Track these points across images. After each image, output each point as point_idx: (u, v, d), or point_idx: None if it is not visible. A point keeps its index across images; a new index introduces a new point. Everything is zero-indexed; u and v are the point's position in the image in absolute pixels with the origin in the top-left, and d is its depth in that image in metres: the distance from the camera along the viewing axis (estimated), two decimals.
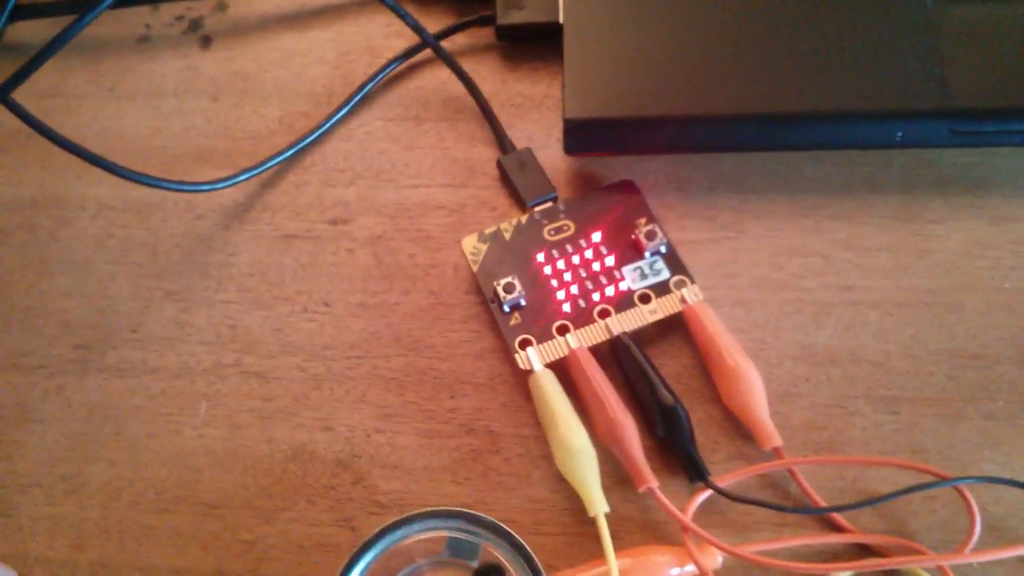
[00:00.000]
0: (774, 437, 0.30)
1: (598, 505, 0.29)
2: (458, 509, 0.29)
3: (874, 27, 0.36)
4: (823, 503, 0.30)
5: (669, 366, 0.33)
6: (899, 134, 0.34)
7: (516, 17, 0.39)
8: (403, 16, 0.38)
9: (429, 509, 0.29)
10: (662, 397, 0.31)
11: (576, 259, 0.34)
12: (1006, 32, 0.35)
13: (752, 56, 0.35)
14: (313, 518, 0.31)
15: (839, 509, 0.29)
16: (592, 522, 0.29)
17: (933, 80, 0.34)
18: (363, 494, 0.31)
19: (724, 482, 0.30)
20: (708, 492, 0.30)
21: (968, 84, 0.34)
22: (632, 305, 0.33)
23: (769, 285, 0.34)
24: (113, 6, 0.42)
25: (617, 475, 0.31)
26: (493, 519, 0.28)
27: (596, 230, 0.35)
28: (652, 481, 0.30)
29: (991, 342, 0.32)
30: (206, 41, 0.42)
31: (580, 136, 0.35)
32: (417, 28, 0.38)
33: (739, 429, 0.32)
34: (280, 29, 0.42)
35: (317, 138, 0.38)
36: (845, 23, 0.36)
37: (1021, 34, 0.35)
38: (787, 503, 0.30)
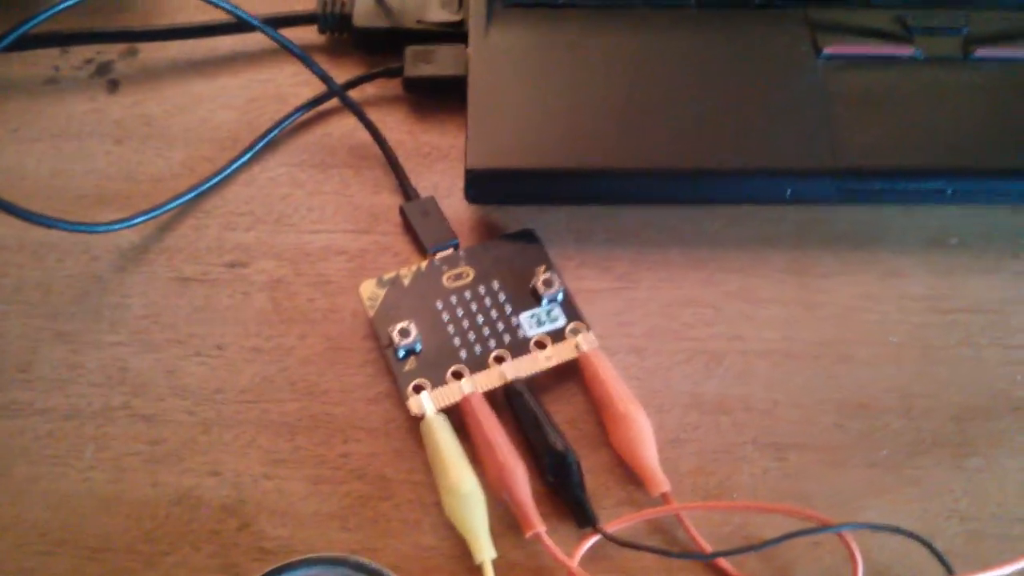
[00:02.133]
0: (662, 483, 0.31)
1: (485, 552, 0.29)
2: (343, 555, 0.28)
3: (767, 88, 0.37)
4: (709, 549, 0.30)
5: (564, 412, 0.33)
6: (788, 191, 0.35)
7: (424, 70, 0.40)
8: (310, 65, 0.38)
9: (313, 555, 0.28)
10: (552, 442, 0.31)
11: (474, 306, 0.34)
12: (892, 96, 0.37)
13: (649, 114, 0.36)
14: (197, 564, 0.30)
15: (724, 554, 0.29)
16: (480, 569, 0.29)
17: (822, 140, 0.36)
18: (249, 540, 0.31)
19: (613, 528, 0.30)
20: (596, 537, 0.30)
21: (855, 144, 0.36)
22: (528, 351, 0.33)
23: (662, 334, 0.34)
24: (21, 47, 0.42)
25: (508, 521, 0.31)
26: (379, 566, 0.28)
27: (495, 277, 0.35)
28: (540, 526, 0.30)
29: (877, 393, 0.33)
30: (114, 85, 0.42)
31: (482, 185, 0.36)
32: (324, 77, 0.39)
33: (629, 475, 0.32)
34: (190, 75, 0.42)
35: (219, 182, 0.38)
36: (740, 84, 0.37)
37: (906, 97, 0.37)
38: (674, 549, 0.30)
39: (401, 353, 0.33)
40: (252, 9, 0.41)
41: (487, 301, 0.34)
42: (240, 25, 0.40)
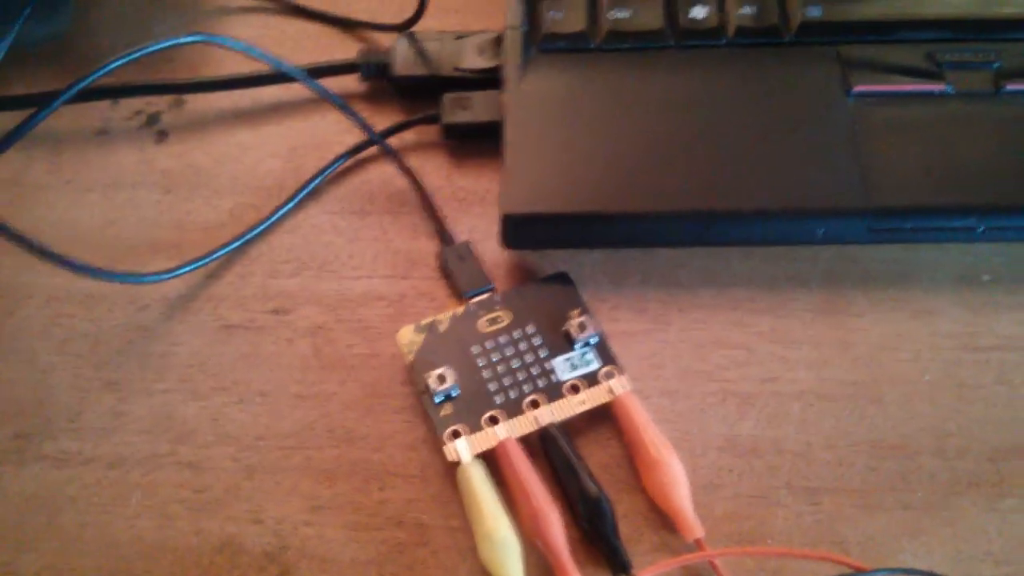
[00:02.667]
0: (696, 528, 0.31)
1: None
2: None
3: (798, 127, 0.37)
4: None
5: (597, 456, 0.33)
6: (820, 231, 0.35)
7: (461, 116, 0.41)
8: (350, 114, 0.39)
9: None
10: (586, 488, 0.32)
11: (509, 350, 0.35)
12: (922, 131, 0.37)
13: (681, 156, 0.37)
14: None
15: None
16: None
17: (852, 179, 0.36)
18: None
19: (647, 574, 0.30)
20: None
21: (886, 182, 0.36)
22: (562, 396, 0.34)
23: (694, 377, 0.35)
24: (74, 101, 0.44)
25: (543, 567, 0.31)
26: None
27: (530, 321, 0.35)
28: (574, 573, 0.30)
29: (910, 433, 0.33)
30: (162, 135, 0.43)
31: (516, 230, 0.36)
32: (364, 125, 0.40)
33: (663, 520, 0.32)
34: (235, 124, 0.43)
35: (264, 230, 0.39)
36: (771, 123, 0.37)
37: (937, 134, 0.37)
38: None
39: (438, 399, 0.34)
40: (295, 59, 0.43)
41: (522, 345, 0.35)
42: (283, 76, 0.41)
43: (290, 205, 0.40)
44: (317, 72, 0.42)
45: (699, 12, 0.40)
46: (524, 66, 0.40)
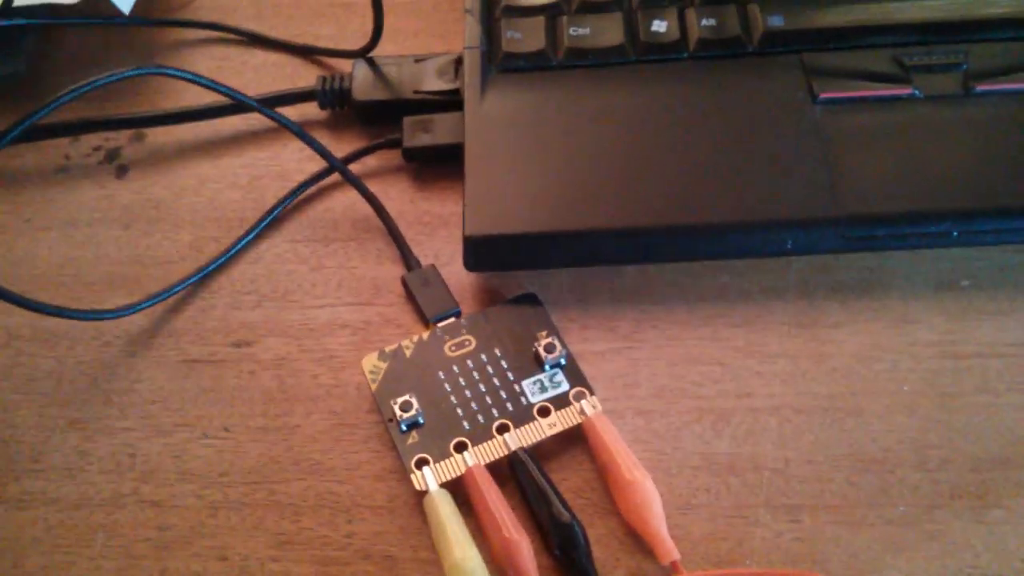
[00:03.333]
0: (671, 552, 0.30)
1: None
2: None
3: (764, 138, 0.37)
4: None
5: (571, 480, 0.33)
6: (789, 242, 0.35)
7: (422, 140, 0.40)
8: (309, 142, 0.39)
9: None
10: (558, 514, 0.31)
11: (476, 374, 0.34)
12: (892, 136, 0.36)
13: (646, 171, 0.36)
14: None
15: None
16: None
17: (821, 187, 0.35)
18: None
19: None
20: None
21: (857, 190, 0.35)
22: (531, 419, 0.33)
23: (668, 394, 0.34)
24: (34, 139, 0.43)
25: None
26: None
27: (497, 344, 0.35)
28: None
29: (891, 445, 0.32)
30: (122, 170, 0.42)
31: (480, 252, 0.36)
32: (323, 153, 0.39)
33: (639, 544, 0.31)
34: (195, 156, 0.43)
35: (225, 262, 0.39)
36: (736, 135, 0.37)
37: (907, 139, 0.36)
38: None
39: (404, 427, 0.33)
40: (255, 89, 0.42)
41: (489, 369, 0.34)
42: (242, 106, 0.41)
43: (251, 236, 0.39)
44: (275, 101, 0.42)
45: (660, 26, 0.40)
46: (484, 86, 0.39)
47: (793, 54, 0.39)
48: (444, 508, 0.31)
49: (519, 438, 0.32)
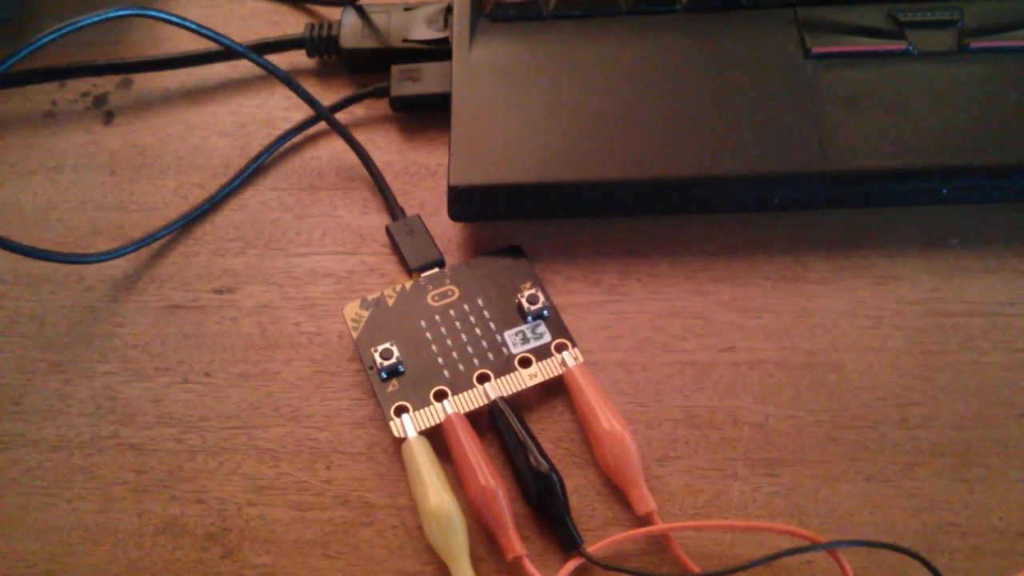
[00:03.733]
0: (648, 502, 0.30)
1: None
2: None
3: (755, 92, 0.36)
4: (697, 569, 0.29)
5: (550, 431, 0.32)
6: (776, 198, 0.34)
7: (410, 89, 0.40)
8: (296, 89, 0.38)
9: None
10: (535, 464, 0.30)
11: (459, 324, 0.34)
12: (884, 94, 0.36)
13: (634, 123, 0.36)
14: None
15: (713, 575, 0.29)
16: None
17: (810, 142, 0.35)
18: (232, 568, 0.30)
19: (598, 549, 0.29)
20: (581, 560, 0.29)
21: (846, 145, 0.35)
22: (512, 369, 0.33)
23: (650, 347, 0.34)
24: (20, 83, 0.43)
25: (491, 545, 0.30)
26: None
27: (480, 295, 0.34)
28: (520, 550, 0.29)
29: (872, 402, 0.32)
30: (109, 116, 0.42)
31: (464, 203, 0.35)
32: (310, 100, 0.39)
33: (616, 495, 0.31)
34: (182, 103, 0.42)
35: (209, 208, 0.38)
36: (727, 88, 0.36)
37: (899, 95, 0.36)
38: (661, 570, 0.29)
39: (384, 375, 0.33)
40: (243, 36, 0.42)
41: (472, 319, 0.34)
42: (229, 53, 0.40)
43: (236, 183, 0.39)
44: (263, 48, 0.41)
45: None
46: (473, 36, 0.39)
47: (787, 7, 0.38)
48: (421, 455, 0.31)
49: (499, 387, 0.32)
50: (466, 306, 0.34)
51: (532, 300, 0.34)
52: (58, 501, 0.32)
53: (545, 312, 0.34)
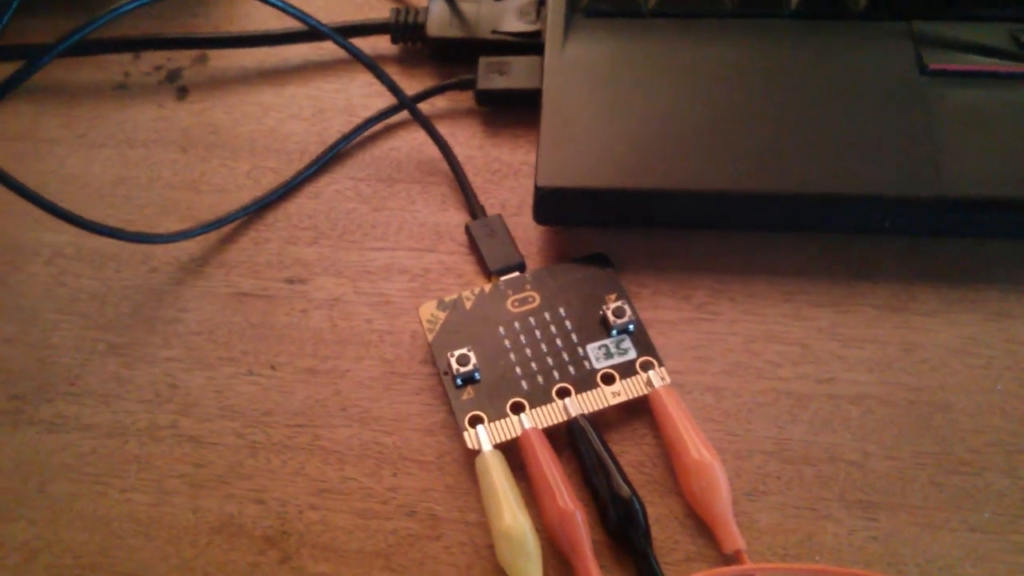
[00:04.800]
0: (736, 539, 0.28)
1: None
2: None
3: (866, 107, 0.34)
4: None
5: (631, 453, 0.31)
6: (887, 222, 0.32)
7: (497, 83, 0.38)
8: (380, 76, 0.37)
9: None
10: (617, 488, 0.29)
11: (539, 333, 0.32)
12: (1004, 116, 0.34)
13: (735, 133, 0.34)
14: None
15: None
16: None
17: (925, 165, 0.32)
18: (289, 575, 0.29)
19: None
20: None
21: (963, 170, 0.32)
22: (594, 385, 0.31)
23: (743, 372, 0.32)
24: (93, 52, 0.42)
25: (564, 570, 0.28)
26: None
27: (562, 304, 0.33)
28: None
29: (980, 447, 0.30)
30: (182, 92, 0.41)
31: (551, 205, 0.34)
32: (394, 89, 0.37)
33: (701, 528, 0.29)
34: (259, 83, 0.41)
35: (284, 194, 0.37)
36: (836, 101, 0.34)
37: (1018, 120, 0.33)
38: None
39: (459, 381, 0.31)
40: (324, 18, 0.40)
41: (553, 329, 0.32)
42: (311, 34, 0.39)
43: (312, 170, 0.37)
44: (346, 31, 0.40)
45: None
46: (567, 31, 0.37)
47: (903, 21, 0.36)
48: (497, 470, 0.29)
49: (580, 404, 0.31)
50: (547, 315, 0.32)
51: (618, 313, 0.32)
52: (110, 491, 0.31)
53: (631, 327, 0.32)
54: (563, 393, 0.31)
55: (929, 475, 0.30)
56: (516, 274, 0.34)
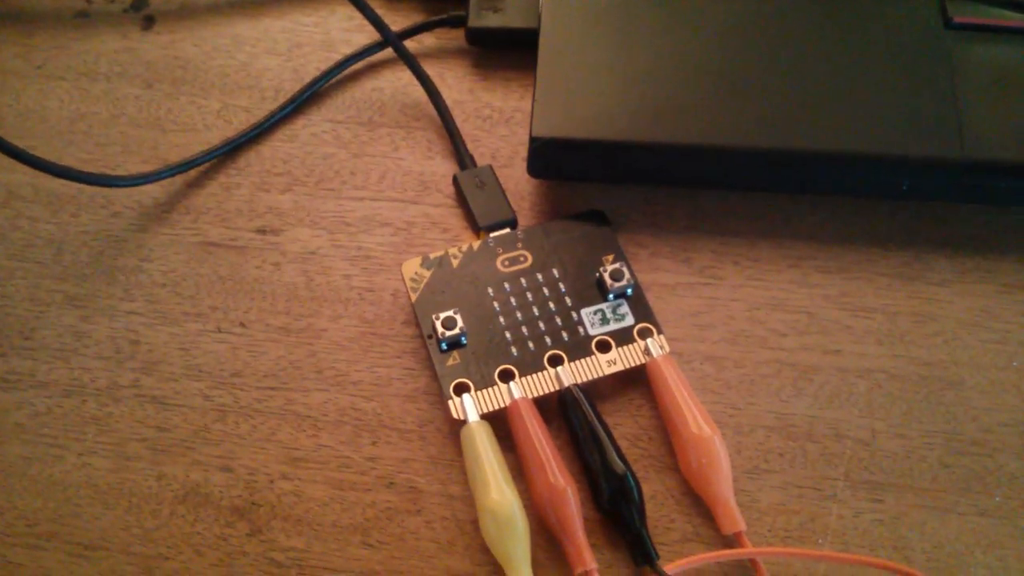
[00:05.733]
0: (737, 521, 0.26)
1: None
2: None
3: (885, 61, 0.32)
4: None
5: (625, 426, 0.29)
6: (905, 184, 0.30)
7: (490, 20, 0.35)
8: (363, 9, 0.34)
9: None
10: (611, 463, 0.27)
11: (530, 296, 0.30)
12: None
13: (744, 85, 0.31)
14: (198, 572, 0.27)
15: None
16: None
17: (947, 125, 0.30)
18: (258, 549, 0.27)
19: (674, 568, 0.26)
20: None
21: (986, 133, 0.30)
22: (589, 353, 0.29)
23: (745, 341, 0.30)
24: None
25: (552, 549, 0.27)
26: None
27: (556, 264, 0.30)
28: (591, 563, 0.26)
29: (993, 427, 0.28)
30: (149, 21, 0.38)
31: (547, 157, 0.31)
32: (378, 24, 0.34)
33: (698, 506, 0.27)
34: (231, 14, 0.38)
35: (256, 136, 0.34)
36: (853, 54, 0.32)
37: None
38: None
39: (444, 346, 0.29)
40: None
41: (545, 291, 0.30)
42: None
43: (287, 110, 0.35)
44: None
45: None
46: None
47: None
48: (483, 442, 0.27)
49: (573, 373, 0.29)
50: (540, 276, 0.30)
51: (616, 276, 0.30)
52: (67, 454, 0.29)
53: (629, 291, 0.30)
54: (555, 361, 0.29)
55: (938, 455, 0.28)
56: (507, 231, 0.31)
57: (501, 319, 0.29)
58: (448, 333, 0.29)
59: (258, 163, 0.34)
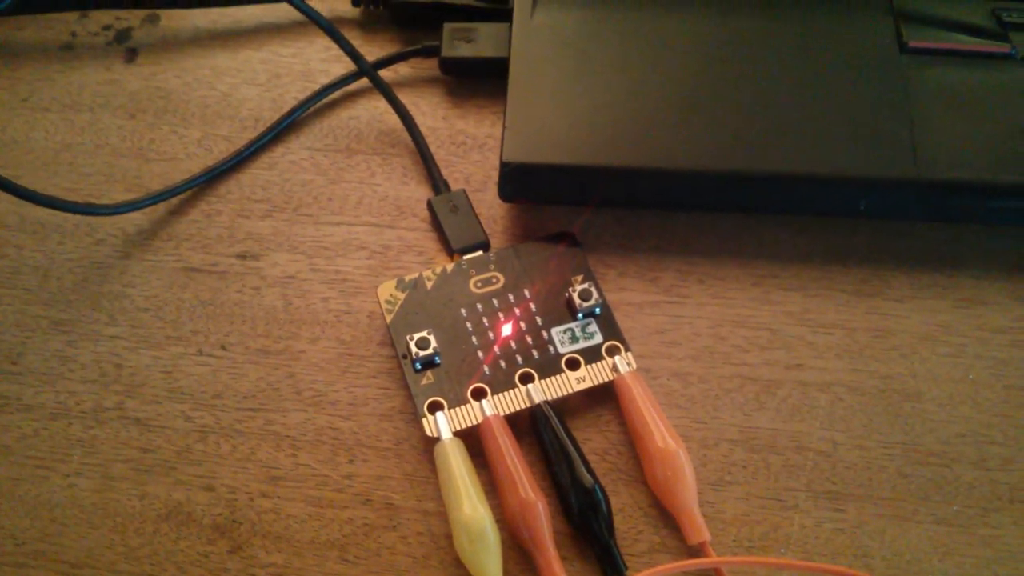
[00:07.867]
0: (701, 531, 0.27)
1: None
2: None
3: (843, 85, 0.33)
4: None
5: (595, 441, 0.30)
6: (862, 204, 0.31)
7: (463, 50, 0.36)
8: (339, 40, 0.35)
9: None
10: (580, 477, 0.28)
11: (502, 316, 0.31)
12: (983, 97, 0.33)
13: (708, 109, 0.33)
14: None
15: None
16: None
17: (902, 146, 0.32)
18: (239, 566, 0.28)
19: None
20: None
21: (940, 153, 0.31)
22: (559, 371, 0.30)
23: (710, 358, 0.31)
24: (39, 10, 0.40)
25: (524, 562, 0.28)
26: None
27: (527, 285, 0.31)
28: (560, 574, 0.26)
29: (950, 438, 0.29)
30: (132, 54, 0.39)
31: (518, 181, 0.32)
32: (353, 55, 0.35)
33: (665, 518, 0.28)
34: (211, 46, 0.39)
35: (236, 164, 0.35)
36: (812, 78, 0.33)
37: (999, 102, 0.32)
38: None
39: (418, 365, 0.30)
40: None
41: (517, 312, 0.31)
42: None
43: (266, 138, 0.36)
44: None
45: None
46: None
47: None
48: (456, 459, 0.28)
49: (544, 390, 0.30)
50: (511, 296, 0.31)
51: (584, 296, 0.31)
52: (53, 475, 0.30)
53: (597, 310, 0.31)
54: (526, 379, 0.30)
55: (897, 466, 0.29)
56: (480, 253, 0.32)
57: (474, 339, 0.30)
58: (422, 353, 0.30)
59: (238, 190, 0.35)
